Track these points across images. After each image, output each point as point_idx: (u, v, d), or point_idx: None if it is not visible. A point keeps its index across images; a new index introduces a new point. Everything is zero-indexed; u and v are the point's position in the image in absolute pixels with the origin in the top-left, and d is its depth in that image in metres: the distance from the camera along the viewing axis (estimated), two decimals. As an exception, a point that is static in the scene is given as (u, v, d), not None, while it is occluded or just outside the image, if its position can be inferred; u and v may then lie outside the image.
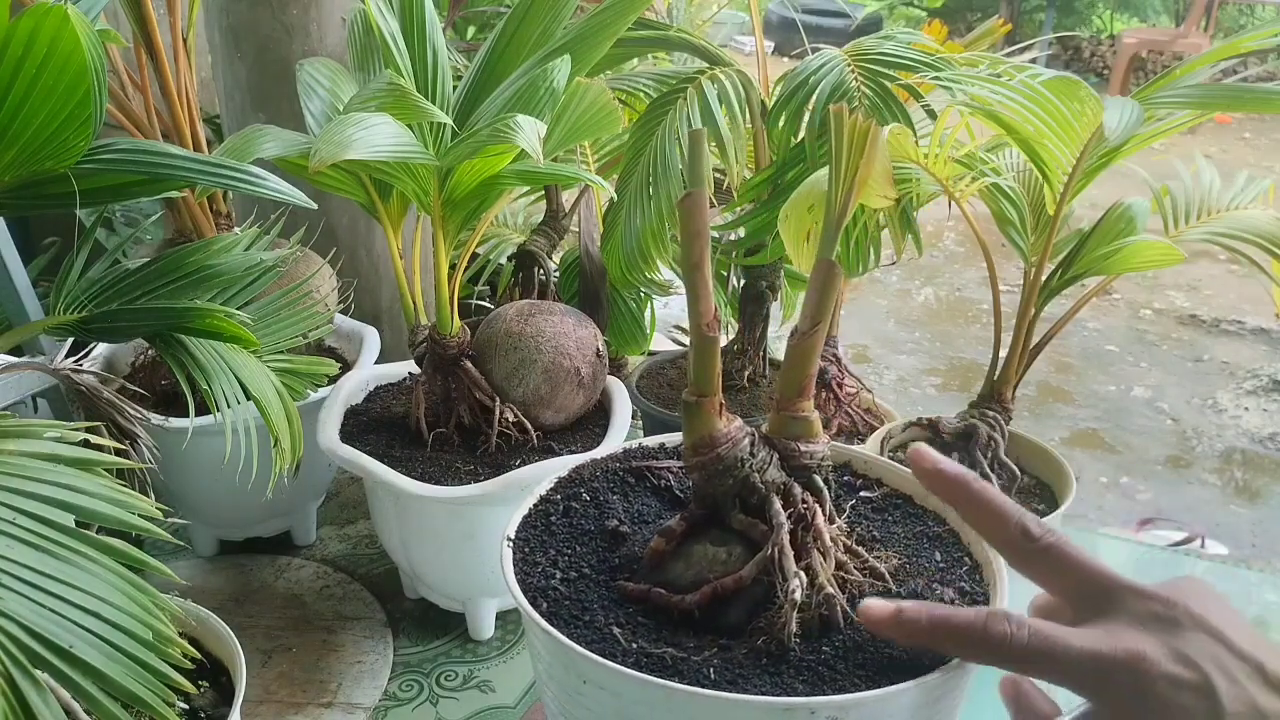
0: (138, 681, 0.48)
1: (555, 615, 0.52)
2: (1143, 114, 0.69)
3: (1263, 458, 2.29)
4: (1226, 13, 5.63)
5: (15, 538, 0.48)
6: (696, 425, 0.54)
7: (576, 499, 0.62)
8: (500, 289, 1.14)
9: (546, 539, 0.59)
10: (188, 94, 0.99)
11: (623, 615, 0.53)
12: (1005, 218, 0.85)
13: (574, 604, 0.53)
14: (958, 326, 2.50)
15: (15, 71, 0.56)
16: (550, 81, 0.77)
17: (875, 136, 0.50)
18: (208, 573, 1.01)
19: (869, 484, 0.65)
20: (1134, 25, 5.82)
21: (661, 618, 0.53)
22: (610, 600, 0.54)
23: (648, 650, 0.50)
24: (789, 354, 0.54)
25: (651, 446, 0.68)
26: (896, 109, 0.84)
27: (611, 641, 0.51)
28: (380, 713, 0.83)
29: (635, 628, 0.52)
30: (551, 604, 0.53)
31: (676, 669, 0.48)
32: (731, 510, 0.55)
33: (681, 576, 0.54)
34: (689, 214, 0.51)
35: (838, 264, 0.51)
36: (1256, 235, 0.82)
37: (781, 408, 0.54)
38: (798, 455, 0.54)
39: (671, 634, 0.52)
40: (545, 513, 0.61)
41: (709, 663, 0.49)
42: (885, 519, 0.62)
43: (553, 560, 0.57)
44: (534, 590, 0.54)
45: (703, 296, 0.52)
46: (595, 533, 0.60)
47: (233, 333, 0.75)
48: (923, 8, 6.31)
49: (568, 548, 0.58)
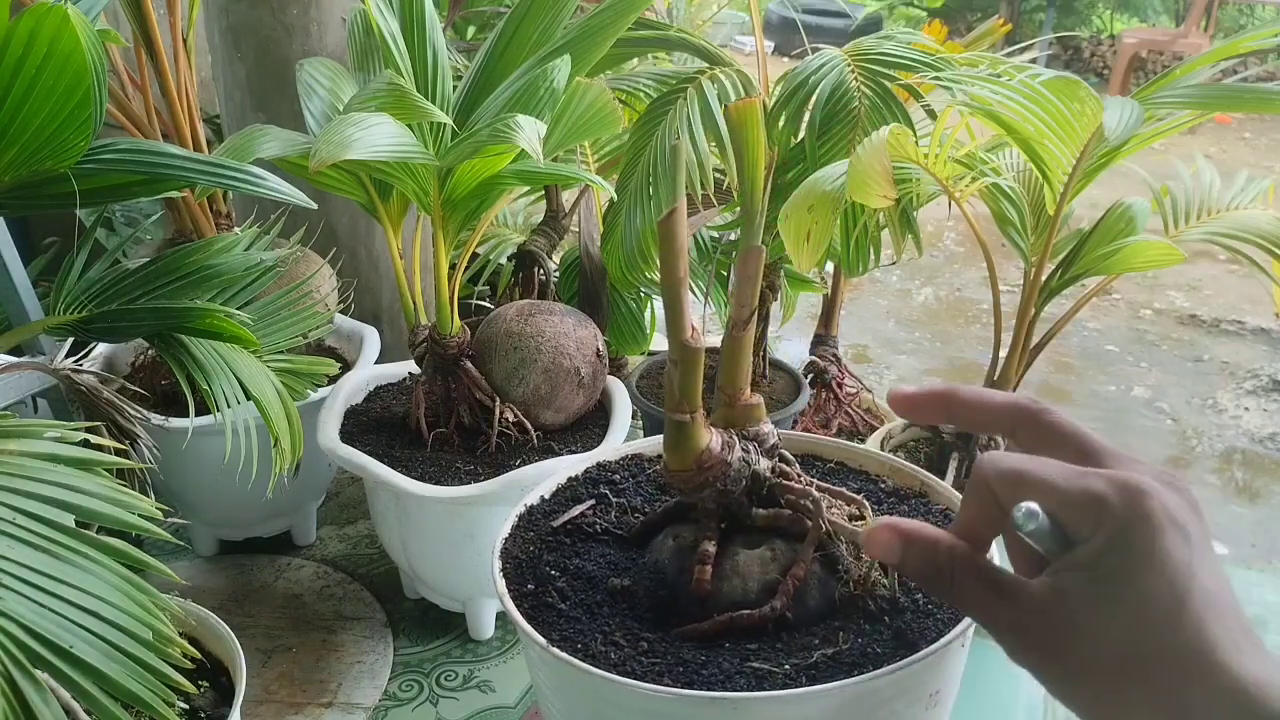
0: (138, 681, 0.48)
1: (688, 684, 0.47)
2: (1143, 114, 0.69)
3: (1263, 458, 2.29)
4: (1226, 13, 5.63)
5: (15, 538, 0.48)
6: (691, 444, 0.51)
7: (552, 581, 0.56)
8: (500, 289, 1.14)
9: (579, 625, 0.53)
10: (188, 94, 0.99)
11: (735, 654, 0.49)
12: (1005, 218, 0.85)
13: (686, 667, 0.48)
14: (958, 326, 2.50)
15: (15, 71, 0.56)
16: (550, 81, 0.77)
17: (756, 114, 0.50)
18: (208, 573, 1.01)
19: (854, 474, 0.66)
20: (1134, 25, 5.82)
21: (753, 637, 0.50)
22: (697, 648, 0.50)
23: (805, 663, 0.48)
24: (728, 346, 0.52)
25: (536, 504, 0.63)
26: (896, 109, 0.84)
27: (770, 679, 0.47)
28: (380, 713, 0.83)
29: (764, 656, 0.49)
30: (674, 678, 0.48)
31: (843, 665, 0.47)
32: (750, 511, 0.55)
33: (747, 591, 0.52)
34: (670, 232, 0.49)
35: (762, 250, 0.50)
36: (1256, 235, 0.83)
37: (733, 401, 0.54)
38: (764, 439, 0.55)
39: (787, 643, 0.49)
40: (544, 603, 0.54)
41: (866, 646, 0.48)
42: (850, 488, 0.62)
43: (607, 640, 0.51)
44: (643, 674, 0.48)
45: (684, 311, 0.50)
46: (607, 600, 0.55)
47: (233, 333, 0.75)
48: (923, 8, 6.31)
49: (603, 624, 0.53)
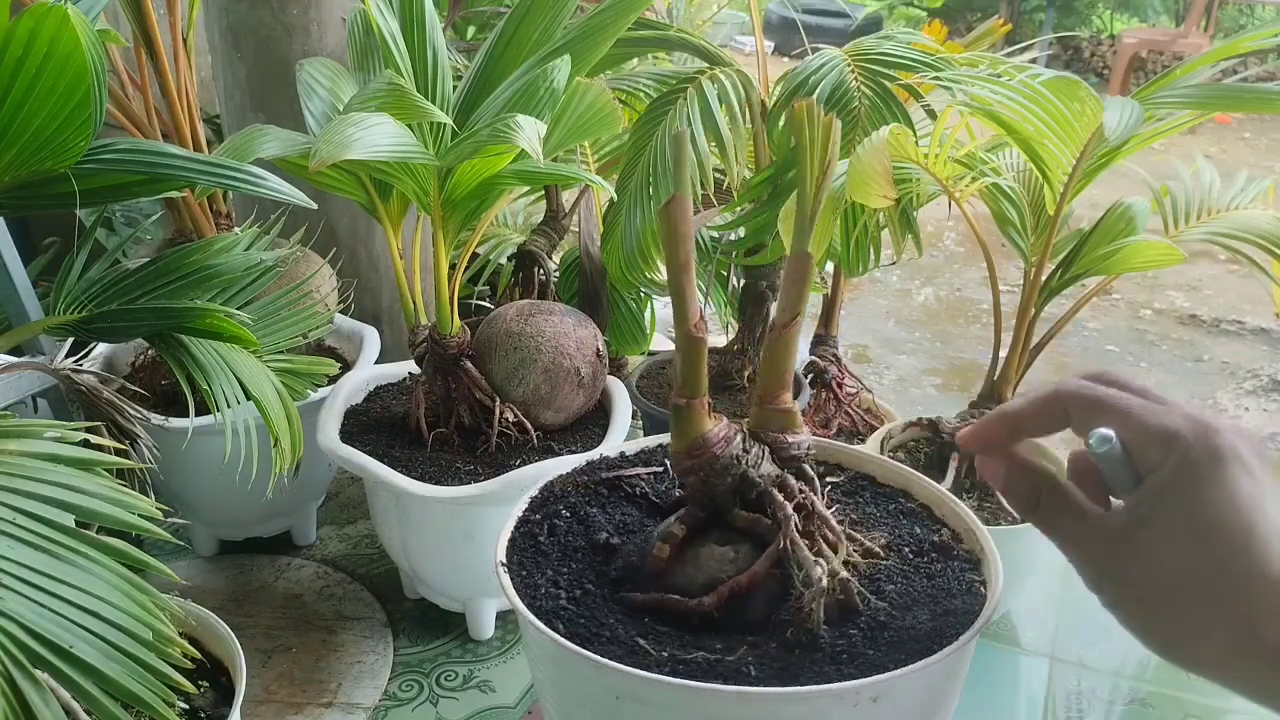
0: (138, 681, 0.48)
1: (575, 635, 0.50)
2: (1143, 114, 0.69)
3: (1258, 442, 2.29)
4: (1226, 13, 5.62)
5: (15, 538, 0.48)
6: (688, 428, 0.53)
7: (558, 516, 0.60)
8: (500, 289, 1.14)
9: (540, 560, 0.57)
10: (188, 94, 0.99)
11: (641, 627, 0.52)
12: (1005, 218, 0.85)
13: (589, 621, 0.52)
14: (958, 326, 2.49)
15: (15, 71, 0.56)
16: (550, 81, 0.77)
17: (835, 131, 0.51)
18: (208, 573, 1.01)
19: (831, 469, 0.66)
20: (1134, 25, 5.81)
21: (680, 624, 0.52)
22: (622, 613, 0.53)
23: (681, 657, 0.49)
24: (768, 347, 0.53)
25: (612, 457, 0.67)
26: (896, 109, 0.84)
27: (642, 654, 0.49)
28: (380, 713, 0.83)
29: (658, 637, 0.51)
30: (567, 624, 0.51)
31: (716, 671, 0.48)
32: (732, 509, 0.55)
33: (693, 580, 0.53)
34: (673, 218, 0.51)
35: (812, 255, 0.51)
36: (1256, 235, 0.83)
37: (764, 401, 0.54)
38: (786, 447, 0.54)
39: (695, 639, 0.51)
40: (531, 534, 0.59)
41: (744, 661, 0.48)
42: (858, 500, 0.62)
43: (553, 580, 0.55)
44: (545, 613, 0.52)
45: (689, 298, 0.51)
46: (586, 548, 0.58)
47: (233, 333, 0.75)
48: (923, 8, 6.30)
49: (564, 566, 0.56)
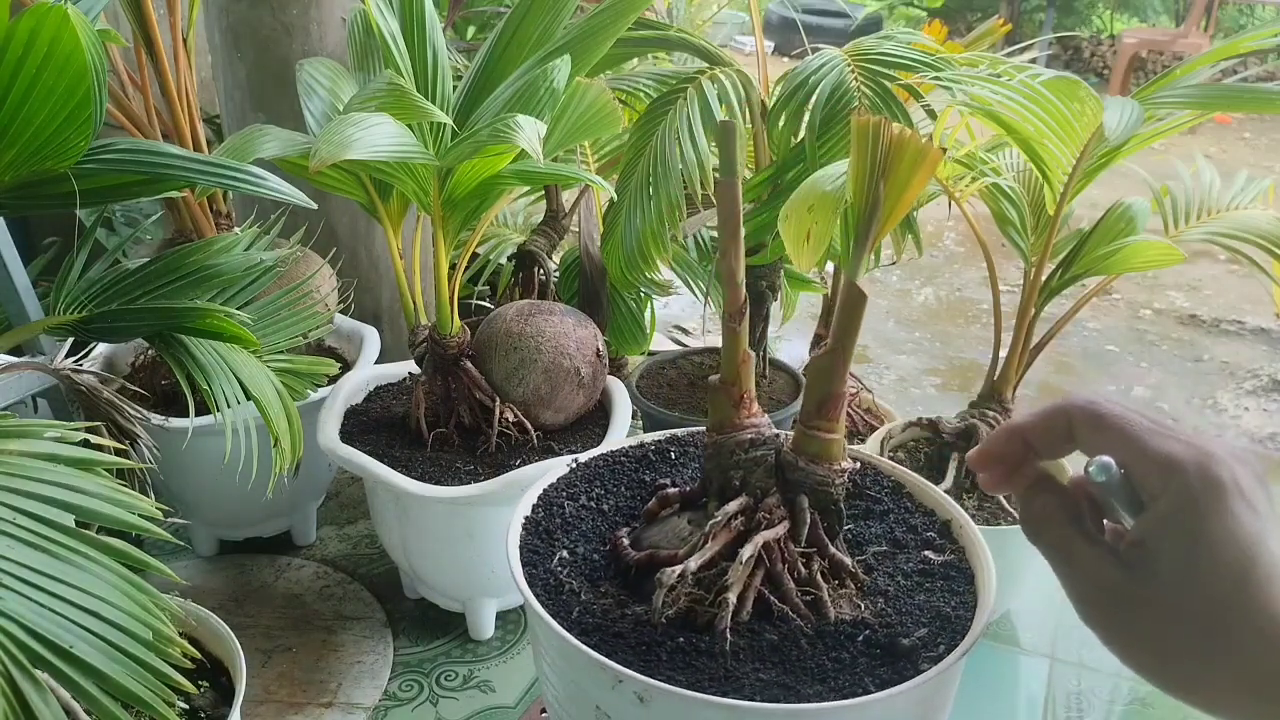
0: (138, 681, 0.48)
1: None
2: (1143, 114, 0.69)
3: (1263, 458, 2.29)
4: (1226, 13, 5.62)
5: (15, 538, 0.48)
6: (714, 409, 0.56)
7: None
8: (500, 289, 1.14)
9: (550, 508, 0.62)
10: (188, 94, 0.99)
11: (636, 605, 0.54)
12: (1005, 218, 0.85)
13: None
14: (958, 326, 2.49)
15: (15, 72, 0.56)
16: (550, 81, 0.77)
17: (931, 159, 0.48)
18: (208, 573, 1.01)
19: None
20: (1134, 25, 5.81)
21: (646, 582, 0.54)
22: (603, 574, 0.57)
23: (639, 618, 0.52)
24: (809, 372, 0.55)
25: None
26: (896, 109, 0.83)
27: (599, 611, 0.53)
28: (380, 713, 0.83)
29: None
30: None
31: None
32: (714, 495, 0.56)
33: (654, 539, 0.57)
34: (721, 201, 0.52)
35: (863, 290, 0.50)
36: (1256, 235, 0.83)
37: (802, 422, 0.55)
38: (794, 470, 0.54)
39: (619, 591, 0.55)
40: (541, 524, 0.62)
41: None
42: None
43: (557, 541, 0.60)
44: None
45: (731, 285, 0.53)
46: (594, 511, 0.63)
47: (233, 333, 0.75)
48: (923, 8, 6.30)
49: (577, 523, 0.61)
